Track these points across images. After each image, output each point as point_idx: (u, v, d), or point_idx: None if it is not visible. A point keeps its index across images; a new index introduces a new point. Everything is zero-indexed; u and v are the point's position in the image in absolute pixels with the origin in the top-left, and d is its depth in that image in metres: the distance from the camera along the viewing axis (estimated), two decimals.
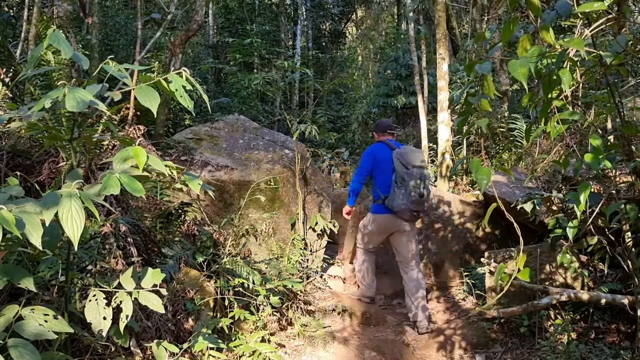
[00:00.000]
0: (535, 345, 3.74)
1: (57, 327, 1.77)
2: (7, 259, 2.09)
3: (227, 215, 4.66)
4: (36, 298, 2.23)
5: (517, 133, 7.45)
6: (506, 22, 2.25)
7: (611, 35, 4.47)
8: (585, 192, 2.33)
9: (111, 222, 3.12)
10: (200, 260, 3.74)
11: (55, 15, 6.10)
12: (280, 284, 3.97)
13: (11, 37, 7.76)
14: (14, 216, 1.49)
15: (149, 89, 1.86)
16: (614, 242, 3.42)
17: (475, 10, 9.84)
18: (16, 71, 4.92)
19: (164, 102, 5.79)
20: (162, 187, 4.09)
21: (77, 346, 2.53)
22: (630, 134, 2.69)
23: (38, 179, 3.43)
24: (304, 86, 14.49)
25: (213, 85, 12.84)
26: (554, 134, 2.39)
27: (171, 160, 4.09)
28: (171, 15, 6.64)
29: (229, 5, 15.06)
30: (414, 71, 9.83)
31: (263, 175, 5.11)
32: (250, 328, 3.62)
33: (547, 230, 3.97)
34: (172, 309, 3.24)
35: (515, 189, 5.32)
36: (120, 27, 10.68)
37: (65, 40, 1.87)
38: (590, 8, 1.98)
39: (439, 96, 7.20)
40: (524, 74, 1.99)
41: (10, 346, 1.61)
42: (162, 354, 2.36)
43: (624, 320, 3.68)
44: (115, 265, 2.97)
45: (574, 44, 2.07)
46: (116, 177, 1.70)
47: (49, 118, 3.66)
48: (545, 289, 3.71)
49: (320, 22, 17.71)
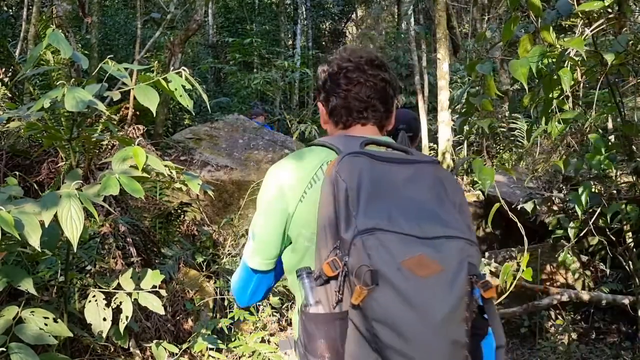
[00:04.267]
0: (536, 346, 3.73)
1: (57, 331, 1.77)
2: (6, 260, 2.09)
3: (227, 215, 4.65)
4: (35, 298, 2.22)
5: (517, 133, 7.44)
6: (507, 22, 2.24)
7: (612, 35, 4.46)
8: (586, 193, 2.32)
9: (110, 222, 3.12)
10: (200, 261, 3.73)
11: (55, 14, 6.08)
12: (280, 284, 3.96)
13: (10, 37, 7.74)
14: (12, 217, 1.48)
15: (149, 89, 1.85)
16: (615, 243, 3.41)
17: (475, 9, 9.83)
18: (15, 71, 4.91)
19: (164, 101, 5.77)
20: (162, 187, 4.09)
21: (76, 346, 2.52)
22: (631, 133, 2.68)
23: (37, 179, 3.42)
24: (304, 86, 14.47)
25: (213, 85, 12.82)
26: (555, 133, 2.38)
27: (170, 160, 4.07)
28: (171, 14, 6.63)
29: (228, 4, 15.04)
30: (414, 71, 9.83)
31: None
32: (250, 328, 3.61)
33: (547, 231, 3.96)
34: (172, 309, 3.24)
35: (515, 188, 5.32)
36: (120, 26, 10.66)
37: (65, 39, 1.86)
38: (590, 7, 1.97)
39: (439, 96, 7.19)
40: (524, 74, 1.98)
41: (12, 351, 1.61)
42: (161, 354, 2.35)
43: (624, 320, 3.67)
44: (115, 265, 2.97)
45: (574, 43, 2.06)
46: (115, 177, 1.69)
47: (48, 118, 3.65)
48: (546, 289, 3.70)
49: (320, 21, 17.69)
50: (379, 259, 0.90)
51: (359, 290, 0.88)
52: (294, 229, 1.14)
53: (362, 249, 0.91)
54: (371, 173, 1.00)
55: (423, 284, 0.90)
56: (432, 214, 0.98)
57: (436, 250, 0.93)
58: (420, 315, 0.89)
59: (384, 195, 0.98)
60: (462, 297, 0.92)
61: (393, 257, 0.90)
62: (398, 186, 1.01)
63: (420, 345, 0.89)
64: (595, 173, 3.22)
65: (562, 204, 4.07)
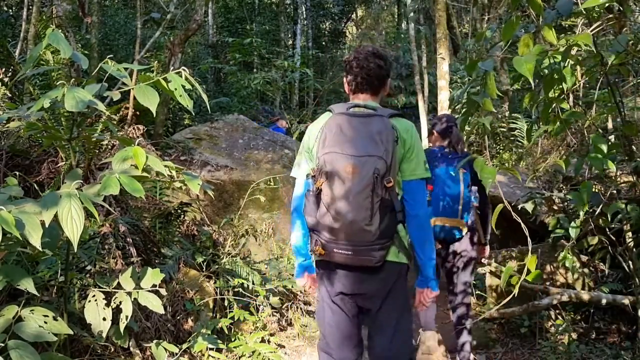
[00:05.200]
0: (536, 346, 3.73)
1: (56, 329, 1.76)
2: (6, 260, 2.09)
3: (227, 215, 4.65)
4: (35, 298, 2.22)
5: (517, 133, 7.45)
6: (507, 21, 2.24)
7: (612, 34, 4.47)
8: (587, 193, 2.33)
9: (110, 222, 3.12)
10: (200, 261, 3.73)
11: (55, 14, 6.09)
12: (280, 285, 3.96)
13: (10, 37, 7.74)
14: (13, 217, 1.48)
15: (148, 89, 1.85)
16: (615, 242, 3.41)
17: (475, 9, 9.84)
18: (15, 71, 4.91)
19: (164, 101, 5.78)
20: (162, 187, 4.09)
21: (76, 346, 2.52)
22: (631, 133, 2.68)
23: (37, 179, 3.42)
24: (303, 86, 14.47)
25: (213, 85, 12.82)
26: (555, 133, 2.38)
27: (170, 160, 4.07)
28: (170, 14, 6.63)
29: (228, 4, 15.04)
30: (415, 71, 9.83)
31: (263, 175, 5.10)
32: (250, 328, 3.61)
33: (547, 231, 3.96)
34: (172, 309, 3.24)
35: (515, 188, 5.32)
36: (120, 26, 10.65)
37: (64, 39, 1.86)
38: (595, 3, 1.97)
39: (439, 96, 7.19)
40: (529, 70, 1.97)
41: (11, 348, 1.61)
42: (161, 354, 2.35)
43: (624, 320, 3.67)
44: (115, 265, 2.96)
45: (582, 38, 2.06)
46: (115, 177, 1.69)
47: (48, 118, 3.65)
48: (546, 289, 3.70)
49: (320, 21, 17.69)
50: (329, 165, 1.93)
51: (320, 181, 1.96)
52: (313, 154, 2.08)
53: (323, 161, 1.95)
54: (341, 124, 1.99)
55: (350, 178, 1.90)
56: (364, 144, 1.93)
57: (360, 162, 1.90)
58: (346, 190, 1.90)
59: (344, 135, 1.96)
60: (367, 184, 1.89)
61: (336, 164, 1.92)
62: (354, 129, 1.96)
63: (345, 203, 1.90)
64: (596, 173, 3.23)
65: (562, 203, 4.07)
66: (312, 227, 2.04)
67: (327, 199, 1.93)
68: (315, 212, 2.00)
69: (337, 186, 1.91)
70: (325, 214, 1.95)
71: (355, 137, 1.93)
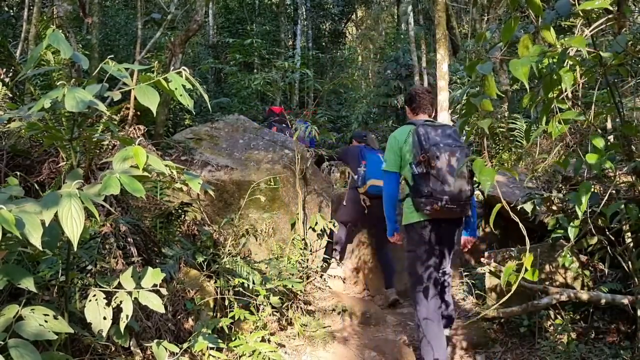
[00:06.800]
0: (535, 345, 3.74)
1: (57, 327, 1.77)
2: (7, 259, 2.09)
3: (227, 215, 4.66)
4: (36, 298, 2.23)
5: (517, 133, 7.45)
6: (506, 22, 2.24)
7: (611, 35, 4.47)
8: (587, 193, 2.33)
9: (111, 222, 3.12)
10: (200, 260, 3.73)
11: (55, 15, 6.09)
12: (280, 284, 3.97)
13: (11, 37, 7.75)
14: (13, 216, 1.49)
15: (149, 89, 1.86)
16: (614, 242, 3.42)
17: (475, 10, 9.84)
18: (16, 71, 4.91)
19: (164, 102, 5.78)
20: (162, 187, 4.09)
21: (77, 346, 2.53)
22: (630, 134, 2.69)
23: (38, 179, 3.42)
24: (304, 86, 14.49)
25: (213, 85, 12.84)
26: (555, 133, 2.39)
27: (171, 160, 4.08)
28: (171, 15, 6.64)
29: (229, 5, 15.06)
30: (414, 71, 9.84)
31: (263, 175, 5.10)
32: (250, 328, 3.62)
33: (546, 231, 3.97)
34: (172, 308, 3.24)
35: (515, 188, 5.32)
36: (120, 27, 10.67)
37: (65, 40, 1.86)
38: (592, 5, 1.98)
39: (439, 96, 7.19)
40: (525, 73, 1.98)
41: (11, 346, 1.61)
42: (162, 353, 2.36)
43: (624, 320, 3.67)
44: (115, 265, 2.97)
45: (576, 42, 2.07)
46: (116, 177, 1.70)
47: (48, 118, 3.66)
48: (545, 289, 3.71)
49: (320, 22, 17.70)
50: (437, 152, 3.20)
51: (432, 162, 3.19)
52: (402, 154, 3.38)
53: (432, 150, 3.20)
54: (427, 131, 3.28)
55: (452, 161, 3.21)
56: (449, 140, 3.28)
57: (453, 151, 3.23)
58: (450, 169, 3.19)
59: (433, 137, 3.25)
60: (465, 165, 3.15)
61: (441, 152, 3.20)
62: (437, 134, 3.29)
63: (450, 182, 3.18)
64: (595, 173, 3.23)
65: (562, 204, 4.08)
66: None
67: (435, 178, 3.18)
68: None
69: (444, 166, 3.17)
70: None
71: (443, 137, 3.27)
